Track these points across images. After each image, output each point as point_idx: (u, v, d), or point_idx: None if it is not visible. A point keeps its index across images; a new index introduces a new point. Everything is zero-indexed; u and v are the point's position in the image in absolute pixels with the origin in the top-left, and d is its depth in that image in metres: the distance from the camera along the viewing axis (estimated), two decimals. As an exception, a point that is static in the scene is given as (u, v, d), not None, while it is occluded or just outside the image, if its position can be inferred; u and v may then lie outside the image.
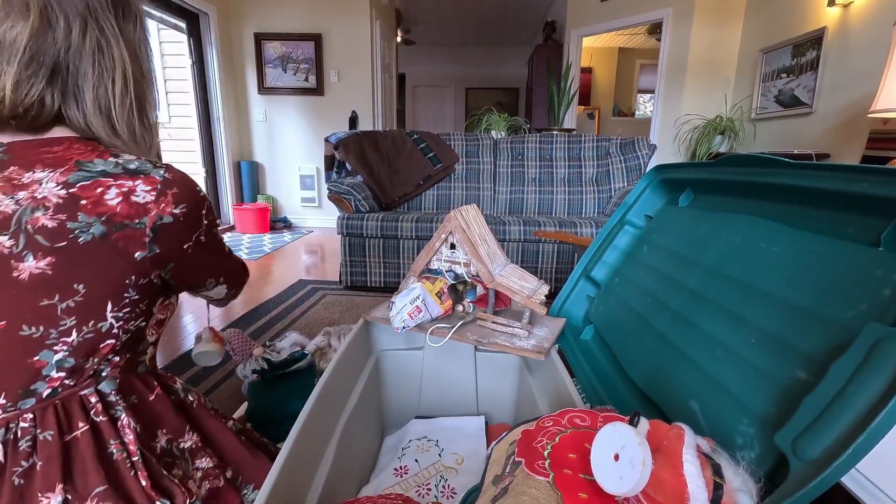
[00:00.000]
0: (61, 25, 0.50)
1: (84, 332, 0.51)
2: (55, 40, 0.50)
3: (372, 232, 2.23)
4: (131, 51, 0.56)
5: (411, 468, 0.85)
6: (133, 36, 0.57)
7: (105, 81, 0.54)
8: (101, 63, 0.53)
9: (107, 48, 0.53)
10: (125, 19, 0.55)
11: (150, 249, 0.53)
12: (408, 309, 0.85)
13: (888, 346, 0.39)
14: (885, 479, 0.54)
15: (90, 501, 0.50)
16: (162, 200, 0.53)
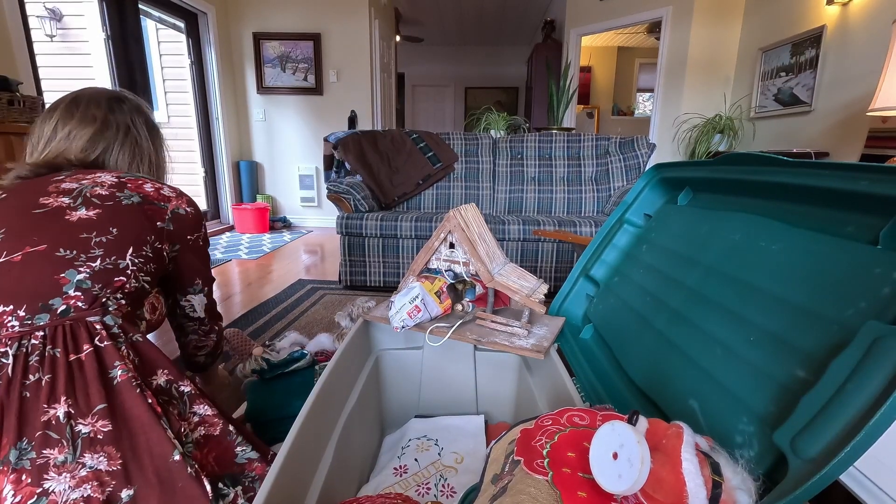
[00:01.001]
0: (112, 130, 0.85)
1: (105, 263, 0.67)
2: (107, 137, 0.84)
3: (371, 231, 2.23)
4: (154, 147, 0.93)
5: (411, 467, 0.85)
6: (154, 139, 0.93)
7: (136, 161, 0.88)
8: (135, 152, 0.88)
9: (138, 144, 0.89)
10: (150, 130, 0.92)
11: (167, 223, 0.78)
12: (407, 308, 0.85)
13: (887, 345, 0.39)
14: (883, 477, 0.54)
15: (91, 417, 0.57)
16: (180, 199, 0.82)
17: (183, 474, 0.57)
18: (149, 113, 0.94)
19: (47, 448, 0.54)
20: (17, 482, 0.51)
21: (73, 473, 0.53)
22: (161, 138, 0.96)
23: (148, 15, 3.14)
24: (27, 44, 2.11)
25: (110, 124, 0.85)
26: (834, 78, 2.68)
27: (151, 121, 0.94)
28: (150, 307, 0.82)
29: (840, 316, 0.46)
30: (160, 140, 0.96)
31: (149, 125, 0.92)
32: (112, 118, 0.85)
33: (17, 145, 1.51)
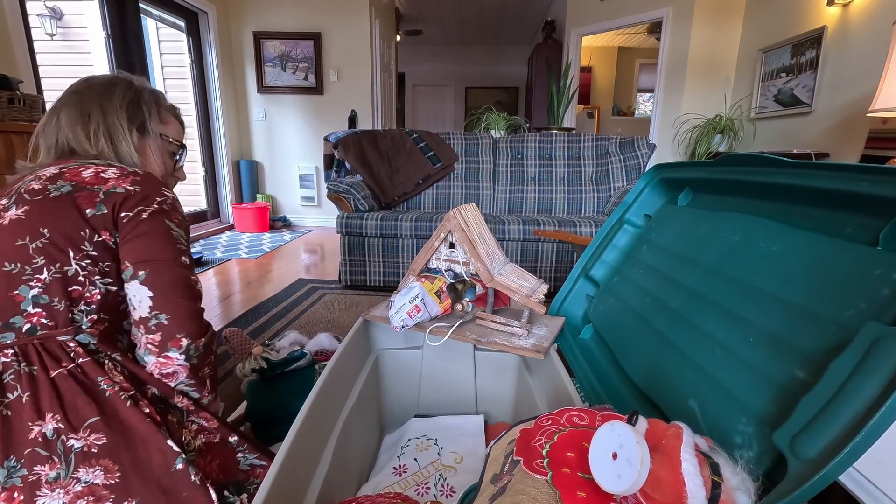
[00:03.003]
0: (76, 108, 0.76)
1: (52, 272, 0.61)
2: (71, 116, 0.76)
3: (371, 231, 2.23)
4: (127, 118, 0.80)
5: (410, 467, 0.85)
6: (116, 105, 0.79)
7: (98, 134, 0.76)
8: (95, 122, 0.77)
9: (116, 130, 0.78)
10: (131, 121, 0.79)
11: (98, 208, 0.64)
12: (407, 308, 0.85)
13: (886, 345, 0.39)
14: (882, 478, 0.54)
15: (83, 431, 0.56)
16: (122, 179, 0.68)
17: (187, 483, 0.57)
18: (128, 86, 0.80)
19: (38, 465, 0.53)
20: (9, 500, 0.50)
21: (67, 489, 0.52)
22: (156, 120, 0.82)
23: (148, 14, 3.13)
24: (27, 42, 2.11)
25: (76, 104, 0.76)
26: (834, 79, 2.68)
27: (138, 92, 0.81)
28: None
29: (839, 317, 0.46)
30: (155, 126, 0.82)
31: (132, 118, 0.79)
32: (78, 96, 0.77)
33: (18, 144, 1.51)
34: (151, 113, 0.82)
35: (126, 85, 0.80)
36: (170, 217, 0.68)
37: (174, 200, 0.71)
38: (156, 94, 0.85)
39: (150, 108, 0.82)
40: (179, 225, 0.69)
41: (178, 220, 0.69)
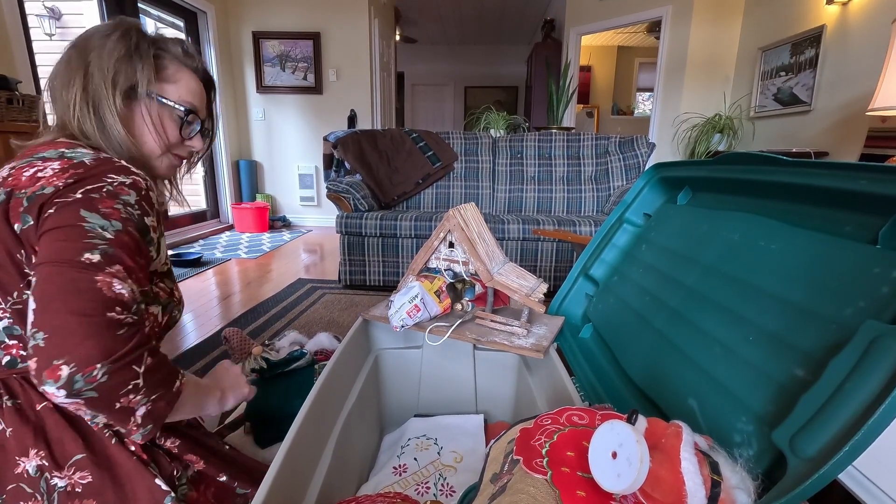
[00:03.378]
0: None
1: (11, 302, 0.54)
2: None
3: (371, 231, 2.23)
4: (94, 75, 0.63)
5: (410, 466, 0.85)
6: (104, 58, 0.62)
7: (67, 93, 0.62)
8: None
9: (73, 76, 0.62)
10: (116, 82, 0.62)
11: (24, 220, 0.51)
12: (406, 307, 0.85)
13: (885, 344, 0.39)
14: (882, 477, 0.54)
15: (67, 469, 0.53)
16: (59, 175, 0.52)
17: None
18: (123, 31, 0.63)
19: (21, 502, 0.51)
20: None
21: None
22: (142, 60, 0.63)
23: (147, 14, 3.13)
24: (26, 43, 2.11)
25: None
26: (833, 77, 2.68)
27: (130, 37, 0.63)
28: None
29: (839, 315, 0.47)
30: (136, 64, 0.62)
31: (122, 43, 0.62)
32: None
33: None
34: (145, 68, 0.62)
35: (123, 33, 0.62)
36: (93, 206, 0.50)
37: (119, 186, 0.53)
38: (159, 43, 0.66)
39: (145, 61, 0.62)
40: (110, 215, 0.50)
41: (109, 209, 0.51)
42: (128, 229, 0.52)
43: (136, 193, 0.55)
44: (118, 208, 0.52)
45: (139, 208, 0.55)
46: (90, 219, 0.50)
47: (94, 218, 0.50)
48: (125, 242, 0.51)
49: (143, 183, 0.57)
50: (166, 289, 0.65)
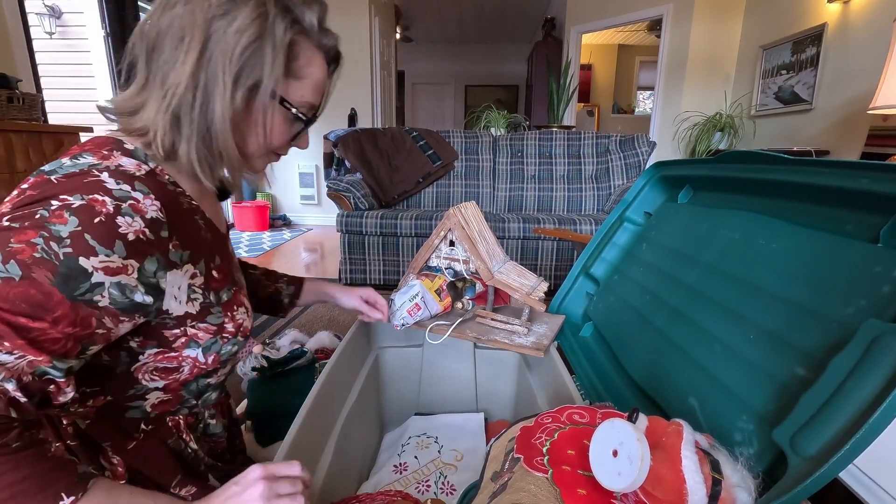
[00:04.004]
0: (157, 15, 0.48)
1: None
2: (153, 31, 0.48)
3: (371, 229, 2.23)
4: (215, 57, 0.47)
5: (411, 465, 0.85)
6: (227, 43, 0.47)
7: (171, 80, 0.47)
8: (170, 60, 0.47)
9: (188, 48, 0.47)
10: (226, 22, 0.47)
11: None
12: (407, 306, 0.85)
13: (887, 343, 0.39)
14: (882, 475, 0.54)
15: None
16: (11, 199, 0.43)
17: None
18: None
19: None
20: None
21: None
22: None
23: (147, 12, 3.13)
24: (26, 41, 2.11)
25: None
26: (835, 76, 2.67)
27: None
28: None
29: (840, 314, 0.46)
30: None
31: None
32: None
33: (17, 143, 1.51)
34: (276, 63, 0.49)
35: (259, 2, 0.47)
36: (5, 240, 0.39)
37: (58, 211, 0.40)
38: (297, 17, 0.51)
39: (278, 53, 0.49)
40: (13, 254, 0.38)
41: (21, 245, 0.38)
42: (30, 277, 0.38)
43: (79, 220, 0.40)
44: (35, 243, 0.38)
45: (73, 244, 0.39)
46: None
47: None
48: (9, 297, 0.37)
49: (106, 207, 0.42)
50: (209, 328, 0.54)
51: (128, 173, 0.46)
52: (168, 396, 0.56)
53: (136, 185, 0.45)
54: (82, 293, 0.40)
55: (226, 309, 0.56)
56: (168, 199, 0.49)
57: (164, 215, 0.47)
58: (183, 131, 0.48)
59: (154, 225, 0.45)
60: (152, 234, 0.45)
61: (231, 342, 0.57)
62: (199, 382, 0.58)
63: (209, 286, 0.54)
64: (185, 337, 0.52)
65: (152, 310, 0.47)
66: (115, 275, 0.42)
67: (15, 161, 1.49)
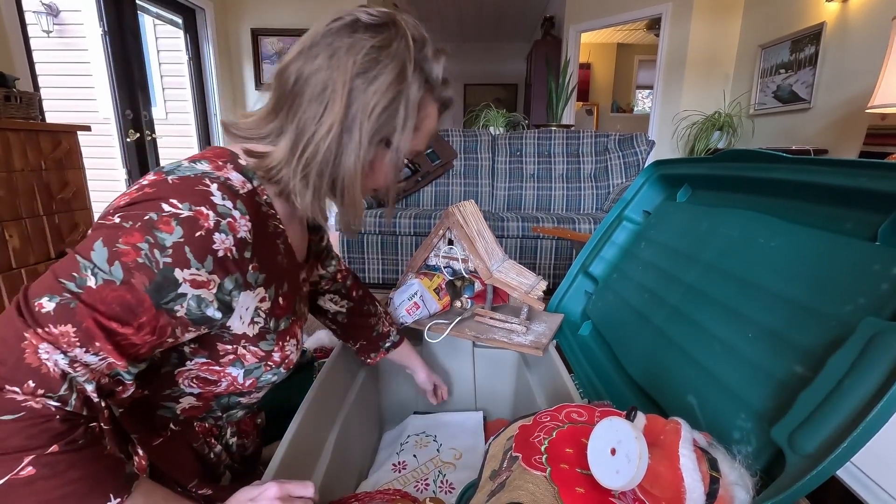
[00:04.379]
0: (301, 61, 0.51)
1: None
2: (295, 74, 0.51)
3: (370, 228, 2.23)
4: (356, 115, 0.50)
5: (410, 463, 0.85)
6: (367, 103, 0.49)
7: (310, 127, 0.49)
8: (312, 108, 0.50)
9: (329, 101, 0.49)
10: (367, 81, 0.50)
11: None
12: (406, 305, 0.85)
13: (885, 341, 0.39)
14: (880, 474, 0.54)
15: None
16: (128, 194, 0.45)
17: None
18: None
19: None
20: None
21: None
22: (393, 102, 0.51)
23: (145, 11, 3.12)
24: (24, 39, 2.10)
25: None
26: (833, 75, 2.67)
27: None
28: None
29: (838, 312, 0.47)
30: (382, 102, 0.50)
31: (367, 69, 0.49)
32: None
33: (15, 142, 1.50)
34: (408, 124, 0.52)
35: (399, 67, 0.50)
36: (112, 238, 0.40)
37: (166, 218, 0.41)
38: (428, 75, 0.55)
39: (410, 113, 0.52)
40: (119, 255, 0.39)
41: (128, 247, 0.39)
42: (129, 282, 0.39)
43: (183, 231, 0.41)
44: (141, 248, 0.39)
45: (173, 255, 0.40)
46: (95, 254, 0.39)
47: (100, 254, 0.39)
48: (108, 299, 0.38)
49: (208, 222, 0.43)
50: (258, 353, 0.54)
51: (233, 189, 0.46)
52: (199, 404, 0.57)
53: (237, 203, 0.46)
54: (167, 302, 0.41)
55: (279, 338, 0.56)
56: (259, 220, 0.49)
57: (251, 237, 0.47)
58: (311, 180, 0.50)
59: (241, 245, 0.46)
60: (238, 254, 0.46)
61: (272, 371, 0.57)
62: (230, 399, 0.59)
63: (272, 312, 0.54)
64: (234, 355, 0.52)
65: (217, 324, 0.48)
66: (198, 288, 0.43)
67: (12, 160, 1.48)
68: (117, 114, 2.79)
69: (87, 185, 1.81)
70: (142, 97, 2.90)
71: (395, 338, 0.87)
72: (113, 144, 2.83)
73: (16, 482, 0.34)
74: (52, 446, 0.36)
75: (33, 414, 0.35)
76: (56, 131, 1.67)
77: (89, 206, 1.82)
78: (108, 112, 2.79)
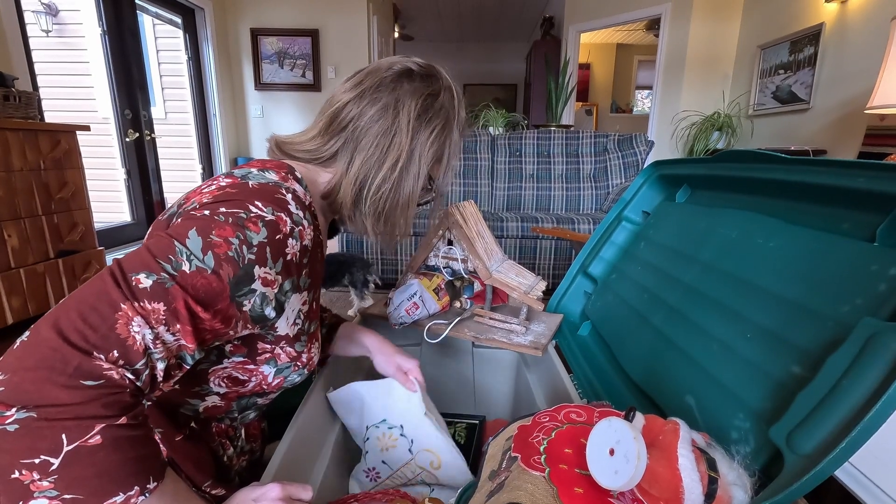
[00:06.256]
0: (365, 101, 0.58)
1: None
2: (357, 112, 0.58)
3: (369, 228, 2.23)
4: (417, 149, 0.59)
5: (381, 471, 0.75)
6: (425, 140, 0.59)
7: (375, 157, 0.57)
8: (379, 143, 0.57)
9: (393, 136, 0.57)
10: (425, 123, 0.59)
11: None
12: (405, 305, 0.85)
13: (882, 341, 0.39)
14: (879, 474, 0.54)
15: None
16: (212, 193, 0.49)
17: None
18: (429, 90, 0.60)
19: None
20: None
21: None
22: (444, 142, 0.62)
23: (144, 10, 3.11)
24: (23, 39, 2.09)
25: (366, 93, 0.59)
26: (832, 75, 2.68)
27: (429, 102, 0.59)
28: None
29: (836, 312, 0.47)
30: (438, 143, 0.60)
31: (426, 111, 0.59)
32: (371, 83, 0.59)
33: (13, 142, 1.50)
34: (450, 161, 0.64)
35: (444, 121, 0.61)
36: (206, 229, 0.43)
37: (254, 218, 0.45)
38: (462, 120, 0.65)
39: (453, 153, 0.64)
40: (212, 246, 0.42)
41: (220, 240, 0.42)
42: (218, 272, 0.42)
43: (267, 233, 0.45)
44: (232, 243, 0.43)
45: (257, 252, 0.44)
46: (190, 242, 0.42)
47: (195, 242, 0.42)
48: (197, 285, 0.41)
49: (286, 227, 0.47)
50: (291, 353, 0.56)
51: (302, 201, 0.51)
52: (221, 403, 0.58)
53: (306, 213, 0.51)
54: (240, 295, 0.44)
55: (308, 340, 0.59)
56: (314, 230, 0.54)
57: (311, 245, 0.52)
58: (364, 206, 0.58)
59: (303, 251, 0.51)
60: (299, 259, 0.50)
61: (298, 372, 0.59)
62: (250, 399, 0.60)
63: (309, 315, 0.58)
64: (270, 354, 0.55)
65: (269, 324, 0.50)
66: (266, 286, 0.46)
67: (11, 159, 1.48)
68: (116, 113, 2.78)
69: (86, 184, 1.81)
70: (141, 97, 2.89)
71: (333, 319, 0.81)
72: (112, 144, 2.83)
73: (83, 449, 0.34)
74: (121, 417, 0.37)
75: (111, 383, 0.36)
76: (55, 131, 1.67)
77: (88, 205, 1.81)
78: (108, 112, 2.79)
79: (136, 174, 2.93)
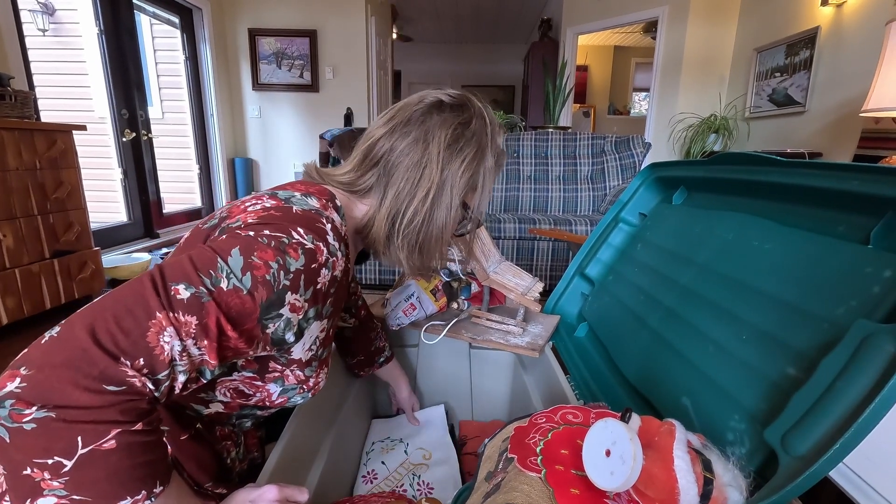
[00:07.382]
0: (396, 136, 0.58)
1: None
2: (389, 146, 0.58)
3: (367, 229, 2.23)
4: (448, 179, 0.57)
5: (380, 472, 0.83)
6: (456, 169, 0.58)
7: (406, 190, 0.57)
8: (410, 177, 0.57)
9: (424, 168, 0.57)
10: (456, 152, 0.58)
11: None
12: (402, 306, 0.85)
13: (876, 343, 0.39)
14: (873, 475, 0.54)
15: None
16: (256, 213, 0.49)
17: None
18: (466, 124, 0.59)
19: None
20: None
21: None
22: (478, 172, 0.60)
23: (142, 10, 3.11)
24: (19, 38, 2.09)
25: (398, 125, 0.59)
26: (828, 79, 2.69)
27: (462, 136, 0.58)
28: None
29: (831, 314, 0.47)
30: (468, 174, 0.59)
31: (457, 140, 0.58)
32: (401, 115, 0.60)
33: (9, 141, 1.49)
34: (485, 189, 0.63)
35: (478, 149, 0.59)
36: (248, 250, 0.43)
37: (295, 245, 0.45)
38: (497, 147, 0.63)
39: (487, 181, 0.62)
40: (252, 267, 0.42)
41: (260, 263, 0.43)
42: (252, 293, 0.42)
43: (304, 261, 0.45)
44: (271, 266, 0.43)
45: (292, 279, 0.44)
46: (232, 260, 0.42)
47: (236, 261, 0.42)
48: (231, 304, 0.41)
49: (322, 257, 0.47)
50: (300, 376, 0.56)
51: (339, 232, 0.51)
52: (224, 411, 0.58)
53: (341, 245, 0.51)
54: (268, 318, 0.44)
55: (319, 366, 0.59)
56: (345, 261, 0.53)
57: (340, 275, 0.52)
58: (397, 240, 0.58)
59: (332, 281, 0.50)
60: (327, 288, 0.50)
61: (303, 395, 0.59)
62: (251, 410, 0.60)
63: (324, 342, 0.58)
64: (280, 374, 0.54)
65: (286, 348, 0.51)
66: (292, 312, 0.46)
67: (7, 159, 1.48)
68: (113, 113, 2.78)
69: (82, 184, 1.80)
70: (138, 97, 2.89)
71: (388, 353, 0.90)
72: (109, 144, 2.82)
73: (97, 453, 0.34)
74: (137, 423, 0.37)
75: (133, 390, 0.36)
76: (51, 130, 1.66)
77: (84, 205, 1.81)
78: (104, 111, 2.78)
79: (133, 174, 2.92)
